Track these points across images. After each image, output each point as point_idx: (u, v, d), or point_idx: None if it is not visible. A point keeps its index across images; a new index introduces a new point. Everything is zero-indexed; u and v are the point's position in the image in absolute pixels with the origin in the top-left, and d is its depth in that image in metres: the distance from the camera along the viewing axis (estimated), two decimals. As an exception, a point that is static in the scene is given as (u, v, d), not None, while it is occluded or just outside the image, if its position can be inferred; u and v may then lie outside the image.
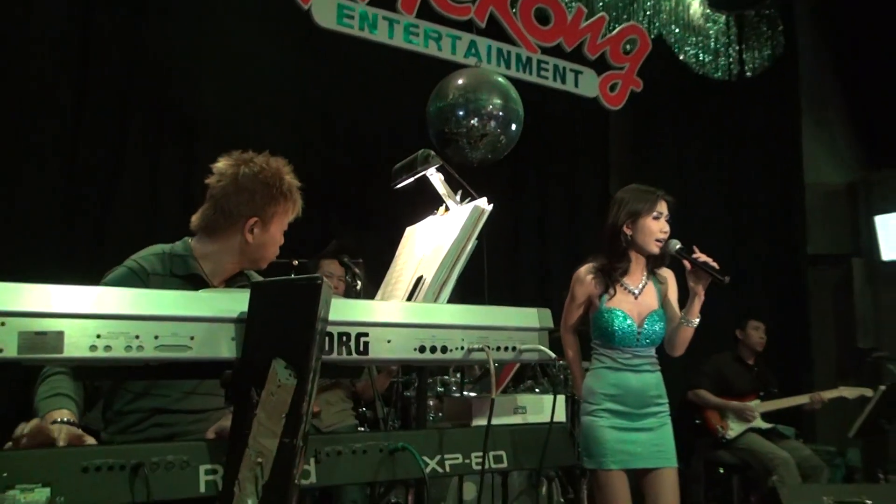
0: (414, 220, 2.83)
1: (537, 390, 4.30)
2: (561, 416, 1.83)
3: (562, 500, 3.93)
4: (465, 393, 3.77)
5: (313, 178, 2.25)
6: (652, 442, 2.79)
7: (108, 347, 1.21)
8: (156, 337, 1.25)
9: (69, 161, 4.16)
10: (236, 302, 1.33)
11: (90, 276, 2.02)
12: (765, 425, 4.90)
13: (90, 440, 1.49)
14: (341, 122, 5.18)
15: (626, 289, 2.91)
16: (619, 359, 2.86)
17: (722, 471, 5.07)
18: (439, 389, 4.16)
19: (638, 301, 2.90)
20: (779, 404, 4.95)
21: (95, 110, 4.27)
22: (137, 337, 1.23)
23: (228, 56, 4.66)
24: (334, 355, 1.43)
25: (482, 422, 1.74)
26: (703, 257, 2.72)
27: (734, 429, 4.89)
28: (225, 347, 1.32)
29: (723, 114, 6.60)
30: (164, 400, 1.98)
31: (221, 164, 2.11)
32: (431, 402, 4.11)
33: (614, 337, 2.84)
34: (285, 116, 4.91)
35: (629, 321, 2.85)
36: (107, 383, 2.01)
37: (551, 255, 5.97)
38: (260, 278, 2.29)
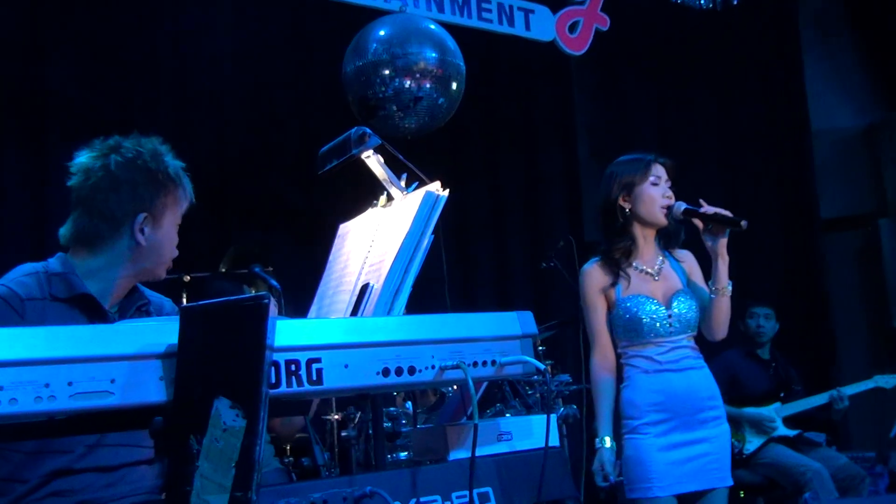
0: (338, 212, 2.91)
1: (508, 415, 4.45)
2: (554, 439, 1.96)
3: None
4: (418, 426, 3.89)
5: (201, 168, 2.31)
6: (708, 457, 2.97)
7: (13, 401, 1.28)
8: (69, 383, 1.33)
9: None
10: (162, 333, 1.41)
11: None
12: (789, 432, 5.15)
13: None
14: (234, 96, 5.22)
15: (641, 271, 3.12)
16: (656, 356, 3.03)
17: (743, 494, 5.31)
18: (386, 425, 4.27)
19: (659, 282, 3.11)
20: (804, 405, 5.21)
21: None
22: (47, 385, 1.31)
23: (82, 17, 4.65)
24: (283, 388, 1.53)
25: (461, 454, 1.86)
26: (711, 209, 2.98)
27: (753, 441, 5.13)
28: (153, 389, 1.40)
29: (709, 53, 6.85)
30: (64, 458, 2.04)
31: (84, 159, 2.16)
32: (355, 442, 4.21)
33: (642, 326, 3.02)
34: (160, 93, 4.93)
35: (655, 304, 3.04)
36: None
37: (510, 246, 6.12)
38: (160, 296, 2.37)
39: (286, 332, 1.54)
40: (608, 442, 3.02)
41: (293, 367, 1.53)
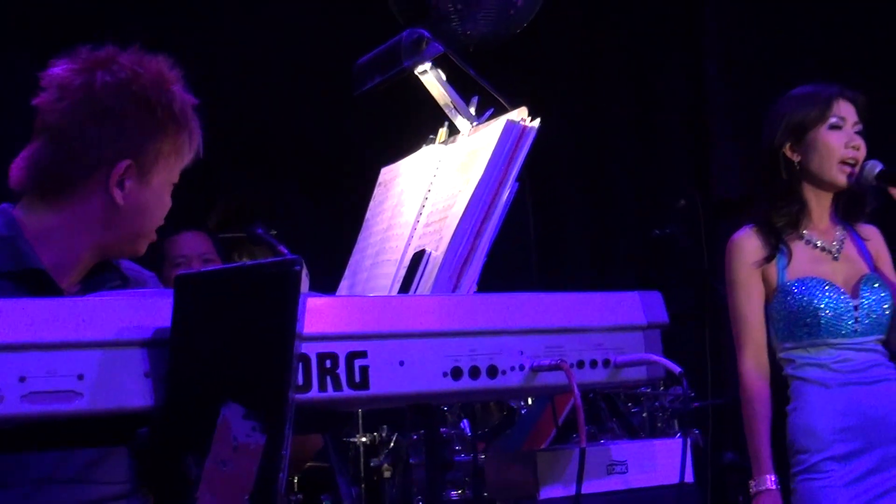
0: (368, 152, 2.90)
1: (602, 441, 4.44)
2: (689, 473, 1.95)
3: None
4: (490, 453, 3.90)
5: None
6: None
7: (-55, 402, 1.29)
8: (21, 379, 1.33)
9: None
10: (150, 311, 1.41)
11: None
12: None
13: None
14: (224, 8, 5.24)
15: (815, 247, 3.13)
16: (835, 364, 3.03)
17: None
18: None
19: (840, 263, 3.11)
20: None
21: None
22: (-8, 381, 1.31)
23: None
24: (314, 392, 1.52)
25: (557, 492, 1.85)
26: None
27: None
28: (135, 389, 1.40)
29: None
30: (2, 496, 2.05)
31: (61, 71, 2.15)
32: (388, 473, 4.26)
33: (819, 320, 3.02)
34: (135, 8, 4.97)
35: (837, 291, 3.04)
36: None
37: (609, 205, 6.11)
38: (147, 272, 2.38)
39: (318, 315, 1.53)
40: (773, 483, 3.00)
41: (329, 364, 1.53)
